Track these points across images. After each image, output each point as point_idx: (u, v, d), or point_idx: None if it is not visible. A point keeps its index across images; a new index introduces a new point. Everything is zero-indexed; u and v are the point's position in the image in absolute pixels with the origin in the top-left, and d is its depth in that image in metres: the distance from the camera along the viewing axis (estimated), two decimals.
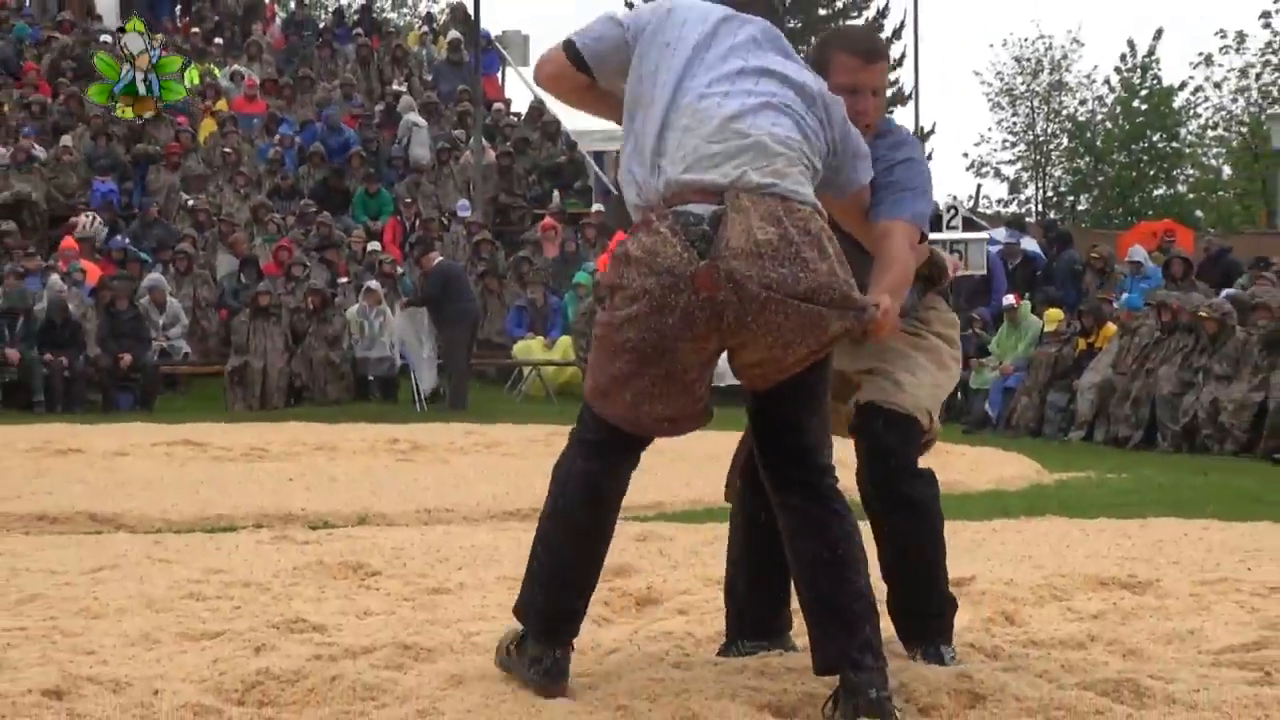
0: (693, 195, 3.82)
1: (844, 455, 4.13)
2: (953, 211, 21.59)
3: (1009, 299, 17.51)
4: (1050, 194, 42.96)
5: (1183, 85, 40.40)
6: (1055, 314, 16.92)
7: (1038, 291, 18.44)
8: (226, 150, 22.32)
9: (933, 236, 4.71)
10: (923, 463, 4.41)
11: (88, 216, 20.43)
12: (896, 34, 29.52)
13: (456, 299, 17.73)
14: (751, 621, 4.49)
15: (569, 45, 4.12)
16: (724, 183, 3.81)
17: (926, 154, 26.77)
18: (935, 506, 4.38)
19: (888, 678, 3.78)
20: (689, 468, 10.29)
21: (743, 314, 3.73)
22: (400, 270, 19.92)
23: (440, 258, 18.47)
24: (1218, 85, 39.69)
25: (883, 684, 3.75)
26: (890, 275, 4.08)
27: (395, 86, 25.66)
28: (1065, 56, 42.54)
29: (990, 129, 67.26)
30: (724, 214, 3.76)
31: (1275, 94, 38.17)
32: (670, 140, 3.92)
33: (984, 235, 20.18)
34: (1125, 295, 16.84)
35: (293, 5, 33.24)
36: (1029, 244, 19.89)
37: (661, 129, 3.93)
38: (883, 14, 29.27)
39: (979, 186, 45.67)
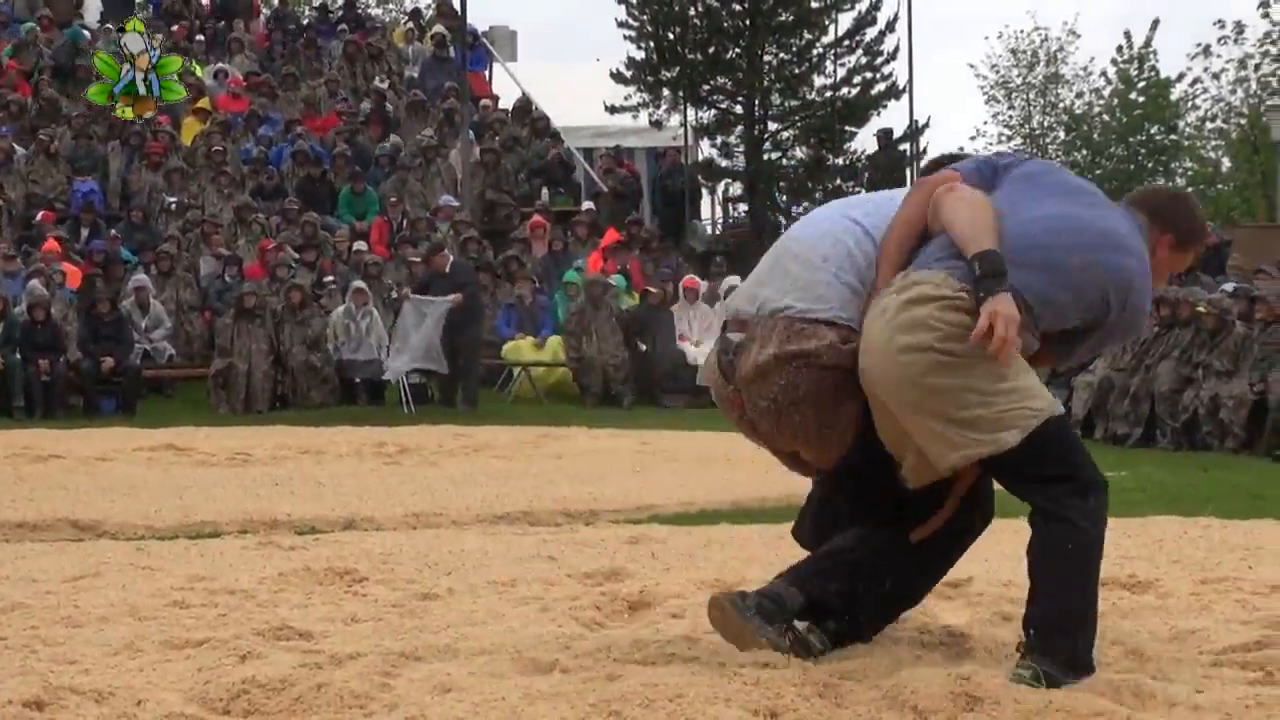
0: (733, 324, 4.39)
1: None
2: None
3: None
4: None
5: (1180, 77, 40.28)
6: None
7: None
8: (217, 149, 22.22)
9: None
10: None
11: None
12: (890, 27, 29.27)
13: (471, 297, 17.62)
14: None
15: None
16: (751, 310, 4.34)
17: (920, 149, 26.35)
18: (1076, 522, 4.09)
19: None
20: (681, 470, 10.30)
21: (762, 423, 4.28)
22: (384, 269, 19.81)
23: (453, 257, 18.37)
24: (1216, 76, 39.59)
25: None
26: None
27: (377, 84, 25.56)
28: (1061, 49, 42.49)
29: (986, 123, 66.91)
30: (741, 345, 4.28)
31: (1275, 85, 38.10)
32: None
33: None
34: None
35: (275, 1, 33.08)
36: None
37: None
38: (876, 6, 29.09)
39: None
